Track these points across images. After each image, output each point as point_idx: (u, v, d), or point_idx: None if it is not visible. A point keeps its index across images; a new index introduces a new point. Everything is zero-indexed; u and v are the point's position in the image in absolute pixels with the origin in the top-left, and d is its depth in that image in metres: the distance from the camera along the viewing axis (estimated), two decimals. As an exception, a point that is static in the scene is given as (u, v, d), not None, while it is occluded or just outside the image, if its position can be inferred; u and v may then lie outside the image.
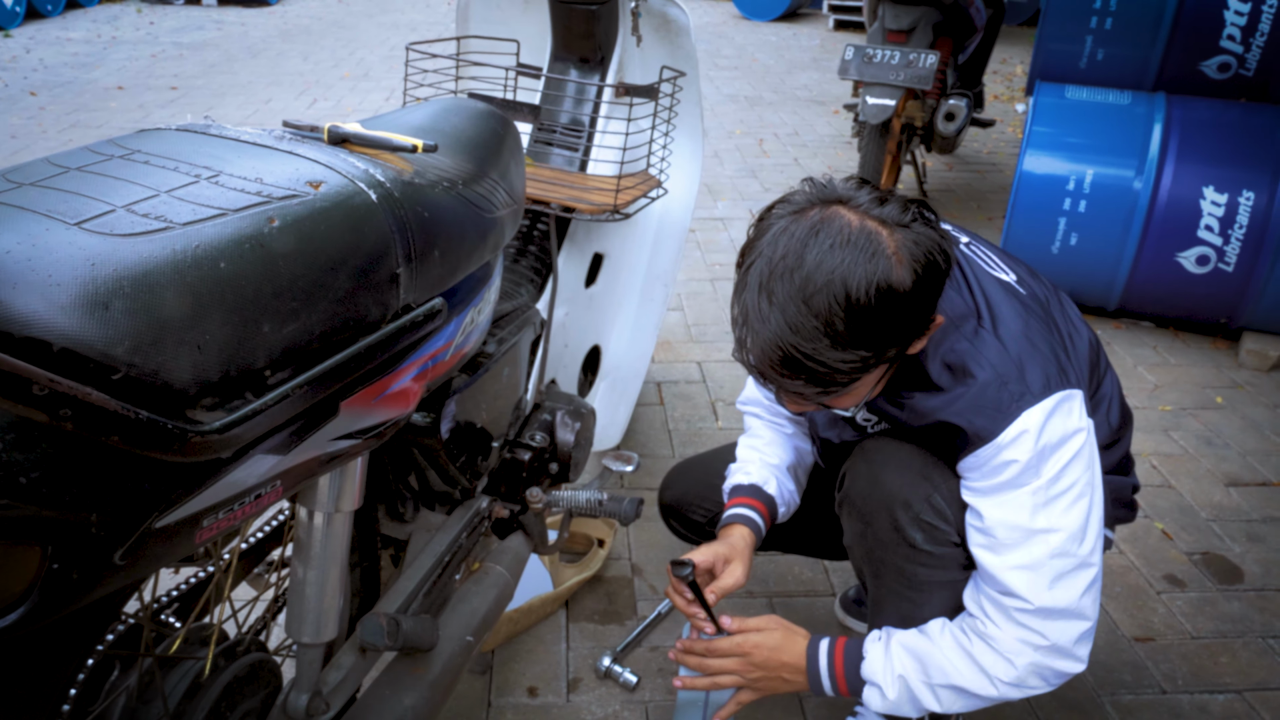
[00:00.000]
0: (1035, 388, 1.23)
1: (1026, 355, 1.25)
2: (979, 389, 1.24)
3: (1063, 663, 1.29)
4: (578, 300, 1.91)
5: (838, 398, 1.19)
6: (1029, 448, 1.22)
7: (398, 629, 1.22)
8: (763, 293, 1.11)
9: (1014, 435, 1.22)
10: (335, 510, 1.08)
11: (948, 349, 1.26)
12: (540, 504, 1.52)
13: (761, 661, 1.45)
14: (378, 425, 1.04)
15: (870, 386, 1.20)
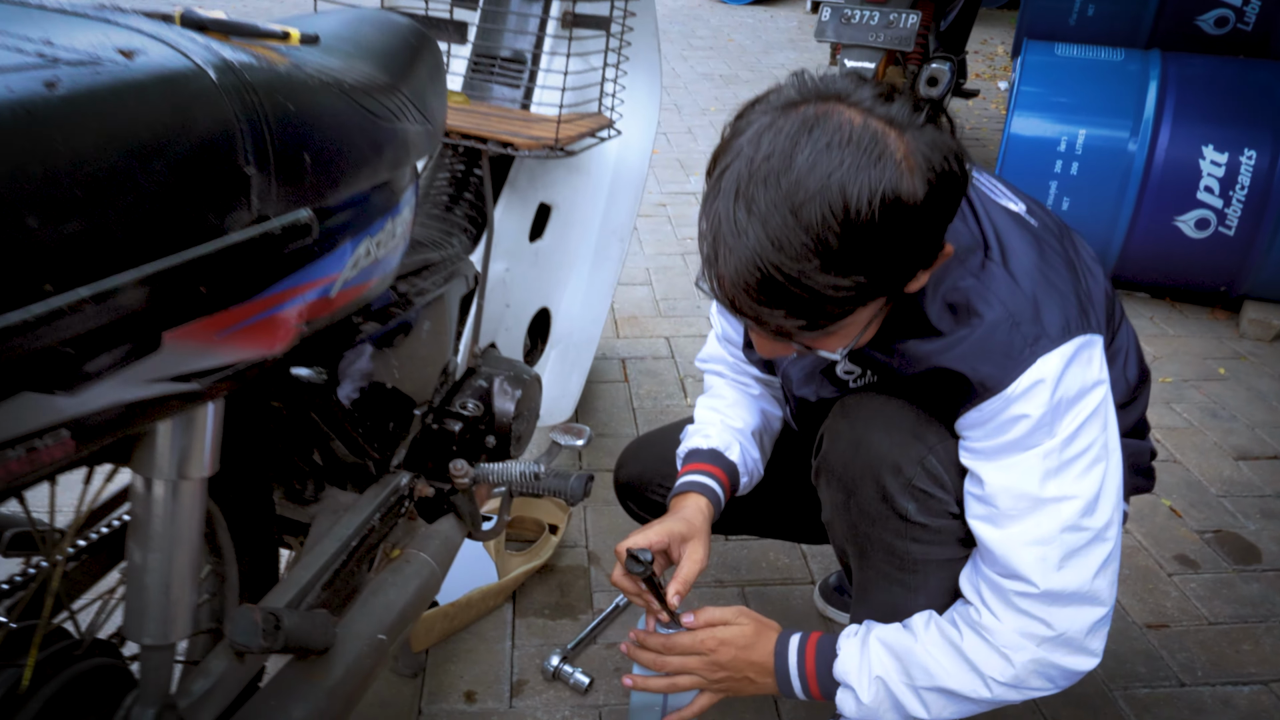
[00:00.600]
0: (1053, 330, 1.02)
1: (1042, 293, 1.04)
2: (986, 330, 1.03)
3: (1072, 658, 1.08)
4: (521, 256, 1.69)
5: (822, 337, 0.97)
6: (1043, 401, 1.01)
7: (277, 627, 1.00)
8: (740, 200, 0.89)
9: (1027, 386, 1.01)
10: (180, 478, 0.86)
11: (950, 286, 1.05)
12: (466, 478, 1.30)
13: (727, 661, 1.24)
14: (227, 367, 0.82)
15: (861, 327, 0.99)
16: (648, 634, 1.28)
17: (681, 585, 1.24)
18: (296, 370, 1.09)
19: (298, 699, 1.09)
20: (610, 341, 2.81)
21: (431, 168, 1.65)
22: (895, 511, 1.13)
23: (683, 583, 1.24)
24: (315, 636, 1.06)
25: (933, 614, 1.17)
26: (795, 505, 1.54)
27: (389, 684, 1.60)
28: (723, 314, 1.38)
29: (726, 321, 1.42)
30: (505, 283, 1.64)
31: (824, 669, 1.20)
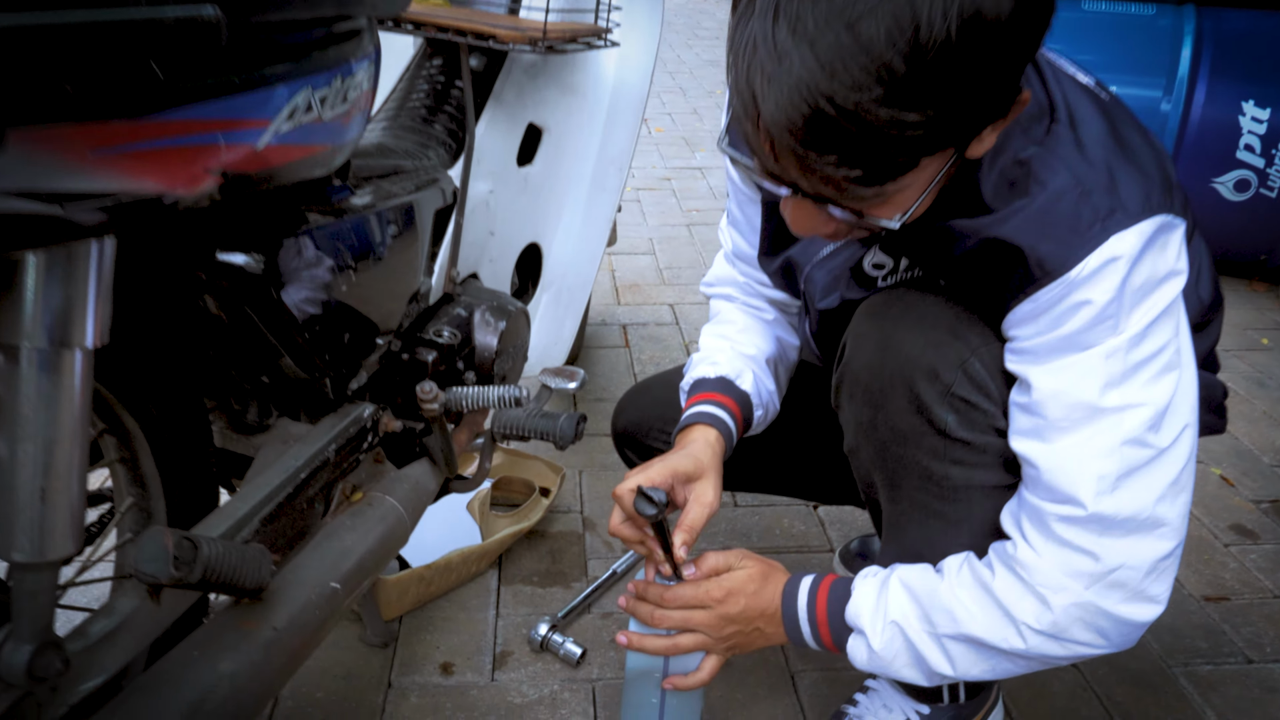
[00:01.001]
0: (1131, 204, 0.84)
1: (1118, 163, 0.86)
2: (1050, 199, 0.85)
3: (1128, 605, 0.90)
4: (508, 179, 1.52)
5: (876, 201, 0.80)
6: (1112, 287, 0.83)
7: (195, 554, 0.82)
8: (782, 19, 0.70)
9: (1097, 265, 0.83)
10: (56, 345, 0.68)
11: (1009, 159, 0.87)
12: (435, 403, 1.12)
13: (737, 613, 1.06)
14: (106, 196, 0.65)
15: (922, 189, 0.81)
16: (647, 584, 1.10)
17: (689, 533, 1.06)
18: (227, 256, 0.91)
19: (226, 650, 0.91)
20: (611, 308, 2.64)
21: (408, 78, 1.48)
22: (932, 426, 0.95)
23: (690, 530, 1.06)
24: (245, 572, 0.88)
25: (970, 555, 0.99)
26: (813, 456, 1.36)
27: (355, 654, 1.42)
28: (742, 204, 1.20)
29: (739, 233, 1.24)
30: (489, 206, 1.46)
31: (836, 613, 1.03)
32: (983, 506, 0.99)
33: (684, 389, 1.24)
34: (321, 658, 1.41)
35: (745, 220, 1.21)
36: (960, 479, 0.97)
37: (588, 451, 1.96)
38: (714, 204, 3.50)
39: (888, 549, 1.08)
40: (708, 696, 1.37)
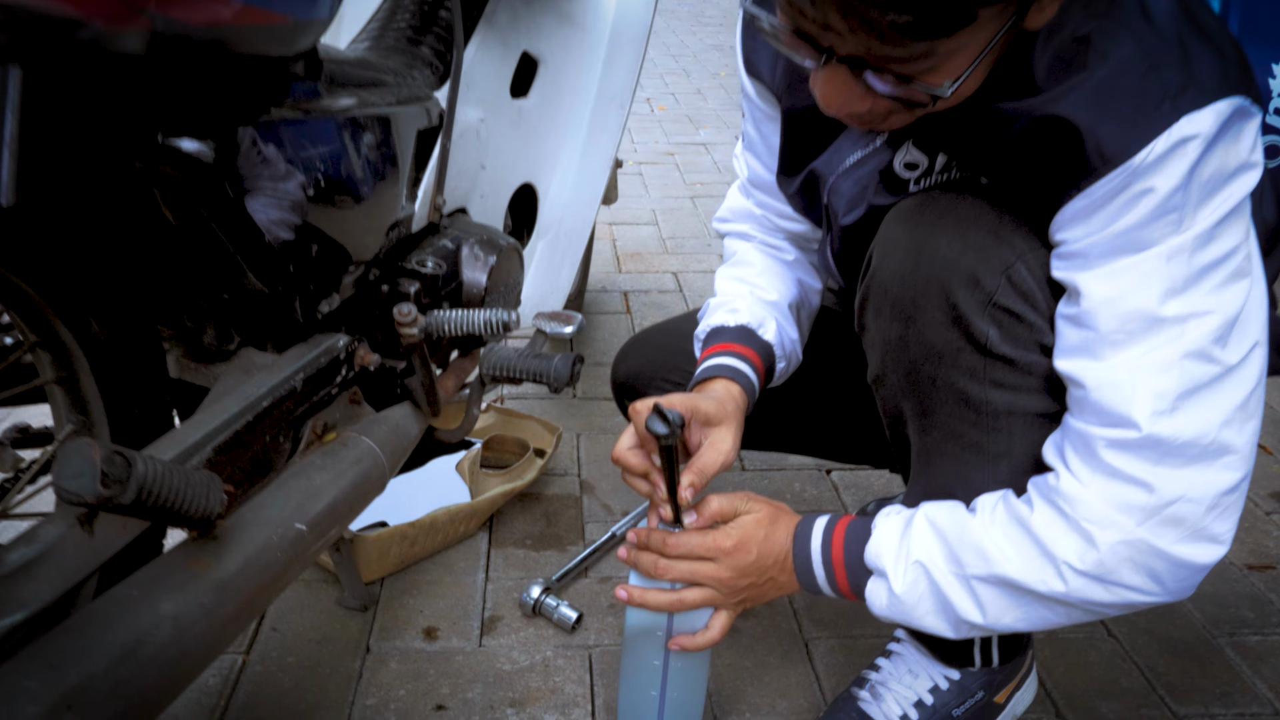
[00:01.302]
0: (1206, 80, 0.73)
1: (1190, 37, 0.75)
2: (1113, 71, 0.74)
3: (1187, 545, 0.78)
4: (500, 109, 1.40)
5: (925, 65, 0.69)
6: (1180, 173, 0.72)
7: (128, 472, 0.71)
8: None
9: (1165, 149, 0.72)
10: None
11: (1066, 36, 0.76)
12: (414, 327, 1.01)
13: (751, 564, 0.96)
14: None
15: (976, 53, 0.70)
16: (649, 531, 0.99)
17: (698, 476, 0.95)
18: (176, 140, 0.80)
19: (171, 590, 0.80)
20: (612, 275, 2.53)
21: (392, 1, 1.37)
22: (971, 340, 0.84)
23: (699, 474, 0.96)
24: (191, 498, 0.77)
25: (1007, 493, 0.88)
26: (829, 410, 1.25)
27: (331, 618, 1.31)
28: (759, 122, 1.09)
29: (756, 156, 1.13)
30: (480, 136, 1.35)
31: (854, 554, 0.92)
32: (1024, 439, 0.88)
33: (699, 337, 1.13)
34: (294, 621, 1.30)
35: (762, 141, 1.11)
36: (1001, 404, 0.86)
37: (586, 415, 1.85)
38: (718, 178, 3.40)
39: (915, 487, 0.97)
40: (714, 663, 1.26)
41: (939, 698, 1.09)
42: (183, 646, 0.78)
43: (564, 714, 1.17)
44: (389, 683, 1.21)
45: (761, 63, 1.01)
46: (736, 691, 1.22)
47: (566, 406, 1.87)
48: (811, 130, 0.98)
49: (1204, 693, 1.25)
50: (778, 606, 1.37)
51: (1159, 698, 1.24)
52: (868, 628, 1.33)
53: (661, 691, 1.07)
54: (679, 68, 5.39)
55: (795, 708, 1.20)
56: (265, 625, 1.29)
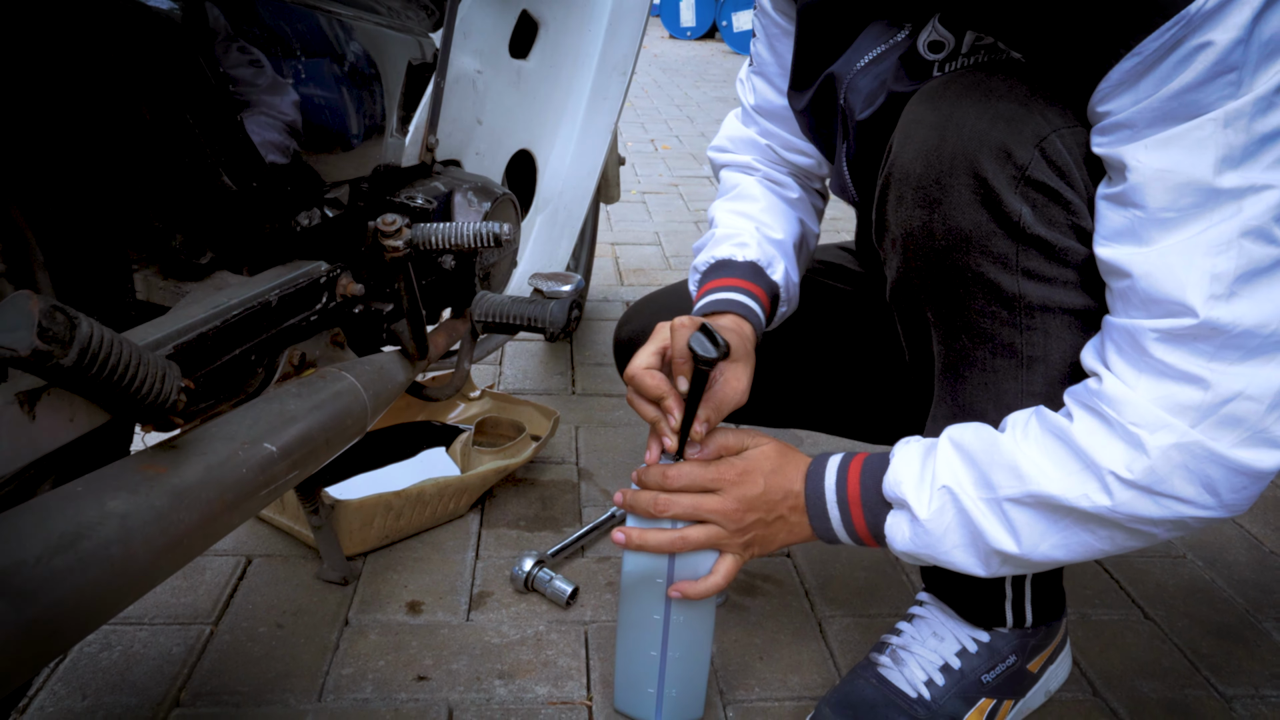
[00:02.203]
0: None
1: None
2: None
3: (1244, 449, 0.70)
4: (498, 65, 1.36)
5: None
6: (1241, 23, 0.66)
7: (71, 332, 0.64)
8: None
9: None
10: None
11: None
12: (399, 239, 0.94)
13: (758, 495, 0.88)
14: None
15: None
16: (648, 468, 0.91)
17: (714, 412, 0.89)
18: None
19: (120, 489, 0.72)
20: (614, 288, 2.47)
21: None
22: (1002, 221, 0.76)
23: (716, 409, 0.89)
24: (143, 377, 0.70)
25: (1040, 408, 0.80)
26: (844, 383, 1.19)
27: (309, 591, 1.22)
28: (773, 39, 1.04)
29: (766, 78, 1.08)
30: (476, 89, 1.30)
31: (871, 487, 0.84)
32: (1061, 341, 0.80)
33: (699, 267, 1.07)
34: (268, 593, 1.21)
35: (775, 60, 1.06)
36: (1036, 297, 0.79)
37: (585, 408, 1.77)
38: (722, 205, 3.36)
39: (939, 410, 0.89)
40: (720, 639, 1.16)
41: (967, 661, 1.00)
42: (129, 548, 0.69)
43: (556, 686, 1.07)
44: (367, 654, 1.11)
45: None
46: (744, 666, 1.12)
47: (565, 401, 1.80)
48: (829, 29, 0.93)
49: (1252, 674, 1.15)
50: (788, 585, 1.27)
51: (1204, 678, 1.14)
52: (885, 606, 1.24)
53: (662, 652, 0.98)
54: (683, 115, 5.42)
55: (808, 683, 1.10)
56: (236, 597, 1.20)
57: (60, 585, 0.64)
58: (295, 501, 1.31)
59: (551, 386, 1.86)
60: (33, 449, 0.72)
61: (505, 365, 1.95)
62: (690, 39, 9.77)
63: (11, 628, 0.60)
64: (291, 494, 1.30)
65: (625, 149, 4.20)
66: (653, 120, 5.18)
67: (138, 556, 0.71)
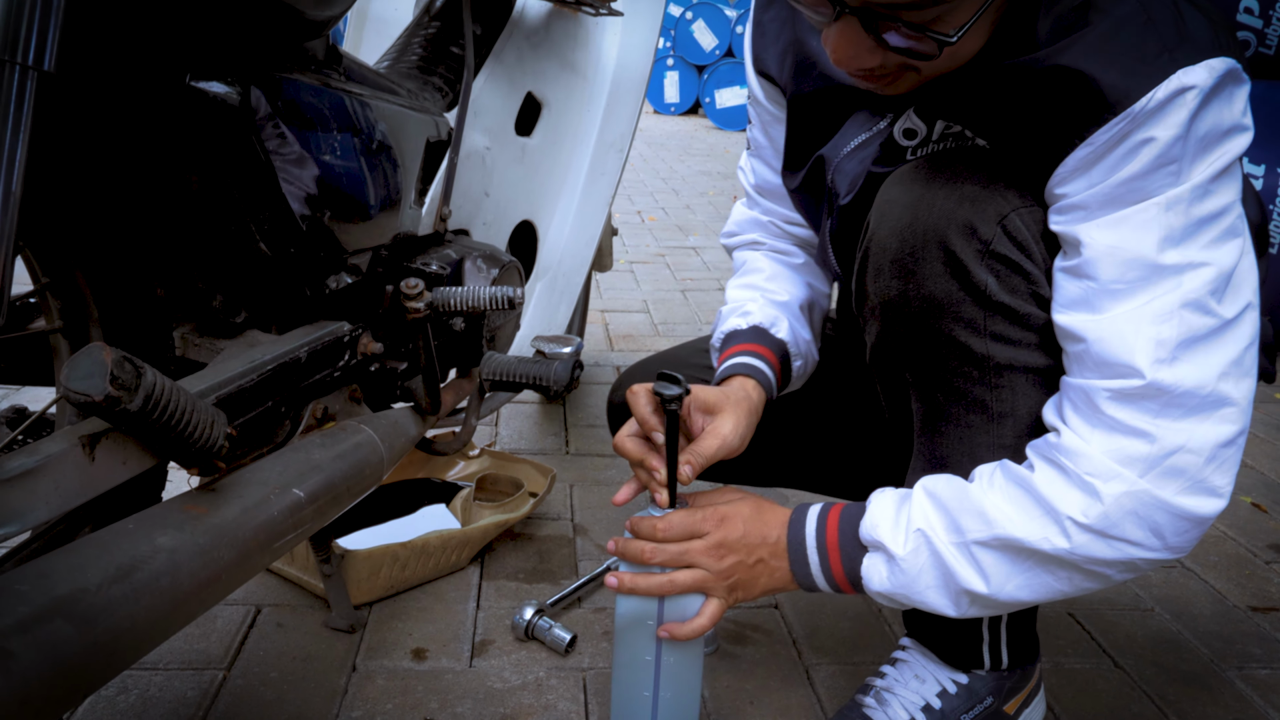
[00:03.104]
0: (1200, 39, 0.77)
1: (1184, 4, 0.81)
2: (1113, 24, 0.78)
3: (1189, 497, 0.79)
4: (505, 142, 1.46)
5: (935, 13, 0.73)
6: (1179, 123, 0.76)
7: (138, 380, 0.71)
8: None
9: (1165, 97, 0.76)
10: None
11: (1066, 4, 0.81)
12: (420, 300, 1.02)
13: (736, 539, 0.95)
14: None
15: (979, 6, 0.74)
16: (638, 519, 0.98)
17: (696, 457, 0.95)
18: (204, 83, 0.83)
19: (168, 527, 0.79)
20: (605, 353, 2.56)
21: (406, 35, 1.44)
22: (970, 290, 0.85)
23: (697, 456, 0.96)
24: (196, 423, 0.77)
25: (1005, 461, 0.88)
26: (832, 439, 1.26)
27: (317, 639, 1.26)
28: (767, 125, 1.13)
29: (762, 160, 1.18)
30: (485, 164, 1.40)
31: (849, 533, 0.92)
32: (1026, 397, 0.89)
33: (714, 345, 1.15)
34: (279, 640, 1.25)
35: (769, 144, 1.15)
36: (1003, 358, 0.87)
37: (579, 467, 1.83)
38: (708, 275, 3.47)
39: (918, 461, 0.97)
40: (712, 684, 1.21)
41: (947, 702, 1.06)
42: (176, 579, 0.76)
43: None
44: (375, 698, 1.16)
45: (769, 59, 1.06)
46: (736, 711, 1.18)
47: (560, 460, 1.86)
48: (818, 115, 1.03)
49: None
50: (777, 635, 1.33)
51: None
52: (869, 655, 1.29)
53: (655, 692, 1.04)
54: (669, 188, 5.57)
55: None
56: (248, 644, 1.24)
57: (117, 611, 0.70)
58: (303, 553, 1.36)
59: (547, 446, 1.93)
60: (91, 488, 0.78)
61: (502, 426, 2.02)
62: (675, 114, 10.04)
63: (76, 648, 0.66)
64: (301, 546, 1.36)
65: (613, 220, 4.33)
66: (639, 193, 5.33)
67: (183, 587, 0.77)
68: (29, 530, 0.78)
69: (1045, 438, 0.86)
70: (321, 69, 1.00)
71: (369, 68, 1.18)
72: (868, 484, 1.23)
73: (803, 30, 1.02)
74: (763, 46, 1.08)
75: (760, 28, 1.08)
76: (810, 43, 1.02)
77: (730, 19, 9.19)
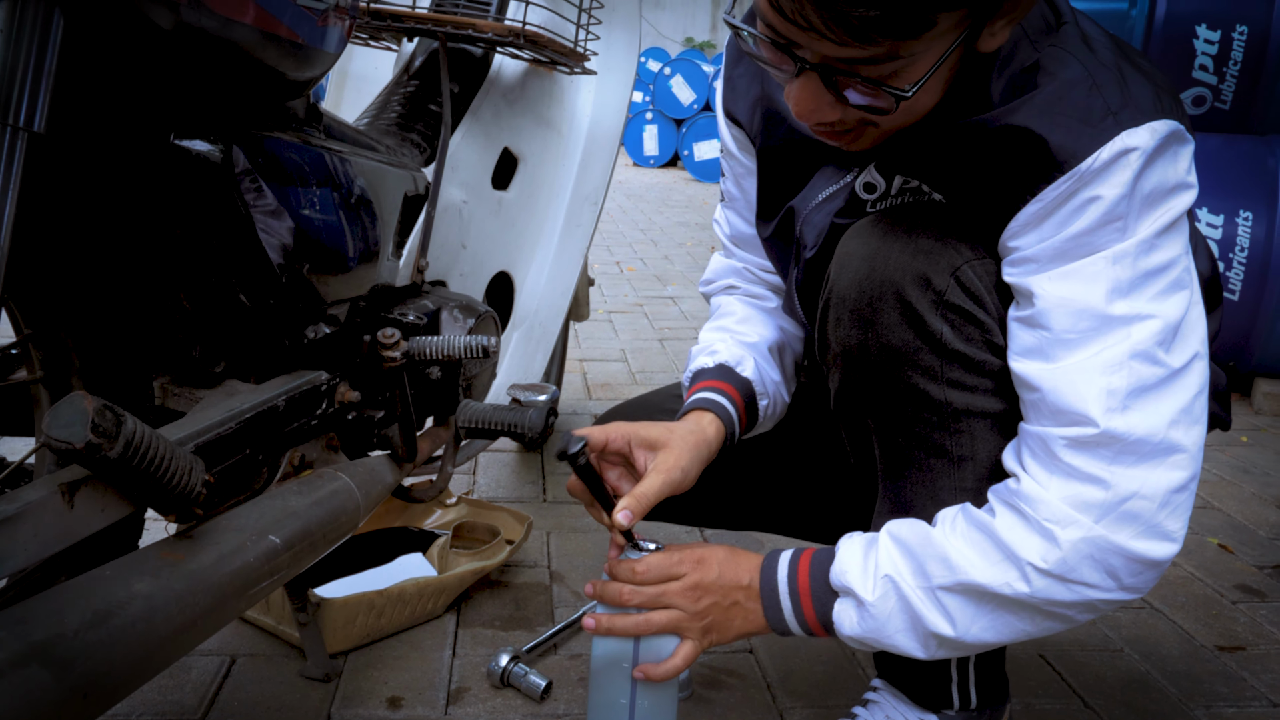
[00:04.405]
0: (1143, 102, 0.82)
1: (1127, 67, 0.85)
2: (1061, 87, 0.83)
3: (1142, 541, 0.82)
4: (482, 196, 1.49)
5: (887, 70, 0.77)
6: (1124, 182, 0.80)
7: (118, 427, 0.73)
8: None
9: (1110, 157, 0.80)
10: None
11: (1017, 66, 0.86)
12: (397, 350, 1.04)
13: (711, 581, 0.97)
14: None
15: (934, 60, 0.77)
16: (616, 561, 1.00)
17: (635, 501, 0.95)
18: (187, 141, 0.86)
19: (144, 573, 0.80)
20: (583, 401, 2.58)
21: (385, 93, 1.48)
22: (926, 339, 0.89)
23: (638, 499, 0.95)
24: (175, 470, 0.78)
25: (965, 505, 0.91)
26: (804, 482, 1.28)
27: (292, 688, 1.26)
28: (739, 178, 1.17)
29: (736, 211, 1.21)
30: (462, 216, 1.43)
31: (820, 577, 0.94)
32: (985, 441, 0.92)
33: (684, 384, 1.18)
34: (253, 690, 1.25)
35: (742, 196, 1.19)
36: (961, 404, 0.90)
37: (556, 515, 1.85)
38: (686, 324, 3.51)
39: (883, 505, 0.99)
40: None
41: (918, 743, 1.07)
42: (153, 625, 0.77)
43: (532, 775, 1.13)
44: (350, 746, 1.16)
45: (740, 110, 1.10)
46: (711, 755, 1.18)
47: (537, 508, 1.87)
48: (787, 168, 1.06)
49: (1185, 758, 1.23)
50: (751, 679, 1.34)
51: (1141, 762, 1.21)
52: (842, 698, 1.31)
53: (631, 735, 1.04)
54: (647, 239, 5.64)
55: (772, 770, 1.16)
56: (222, 694, 1.24)
57: (94, 656, 0.71)
58: (278, 601, 1.37)
59: (524, 494, 1.94)
60: (69, 535, 0.80)
61: (479, 474, 2.03)
62: (654, 167, 10.18)
63: (54, 693, 0.67)
64: (276, 595, 1.37)
65: (592, 270, 4.38)
66: (618, 243, 5.39)
67: (159, 633, 0.78)
68: (5, 578, 0.79)
69: (1006, 483, 0.89)
70: (302, 127, 1.04)
71: (349, 125, 1.21)
72: (840, 527, 1.26)
73: (770, 86, 1.06)
74: (733, 101, 1.12)
75: (731, 83, 1.13)
76: (778, 98, 1.06)
77: (708, 74, 9.37)
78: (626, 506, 0.95)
